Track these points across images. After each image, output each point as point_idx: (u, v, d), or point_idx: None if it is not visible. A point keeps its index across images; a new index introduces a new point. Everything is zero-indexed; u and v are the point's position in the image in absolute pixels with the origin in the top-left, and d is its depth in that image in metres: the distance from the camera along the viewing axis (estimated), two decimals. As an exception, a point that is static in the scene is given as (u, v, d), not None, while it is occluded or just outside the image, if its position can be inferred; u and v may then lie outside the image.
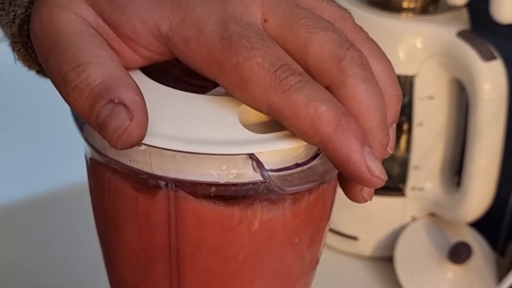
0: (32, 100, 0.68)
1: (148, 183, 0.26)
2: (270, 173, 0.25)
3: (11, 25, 0.28)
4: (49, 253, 0.59)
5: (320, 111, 0.24)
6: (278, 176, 0.25)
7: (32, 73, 0.30)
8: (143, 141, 0.24)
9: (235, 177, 0.25)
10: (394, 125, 0.28)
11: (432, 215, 0.60)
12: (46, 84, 0.28)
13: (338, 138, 0.24)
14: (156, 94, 0.26)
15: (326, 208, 0.29)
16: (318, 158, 0.26)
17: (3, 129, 0.70)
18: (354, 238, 0.61)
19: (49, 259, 0.59)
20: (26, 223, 0.62)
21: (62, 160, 0.64)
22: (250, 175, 0.25)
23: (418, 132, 0.58)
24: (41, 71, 0.30)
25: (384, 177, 0.24)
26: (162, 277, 0.28)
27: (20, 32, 0.28)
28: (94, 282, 0.49)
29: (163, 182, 0.26)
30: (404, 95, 0.53)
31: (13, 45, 0.29)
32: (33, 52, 0.28)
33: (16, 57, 0.29)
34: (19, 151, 0.68)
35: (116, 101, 0.24)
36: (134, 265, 0.29)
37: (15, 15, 0.27)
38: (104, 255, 0.31)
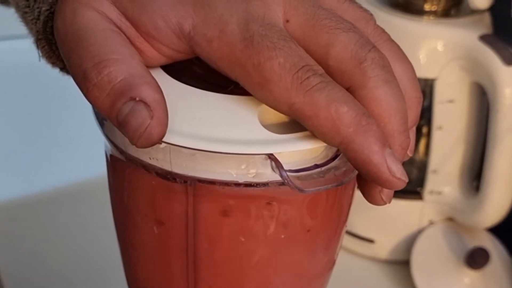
0: (53, 96, 0.68)
1: (167, 181, 0.26)
2: (289, 174, 0.25)
3: (35, 22, 0.28)
4: (67, 248, 0.60)
5: (341, 112, 0.24)
6: (297, 177, 0.25)
7: (55, 70, 0.30)
8: (163, 139, 0.25)
9: (253, 176, 0.25)
10: (414, 128, 0.28)
11: (450, 219, 0.60)
12: (68, 81, 0.28)
13: (359, 139, 0.24)
14: (176, 92, 0.26)
15: (343, 210, 0.29)
16: (337, 159, 0.26)
17: (24, 125, 0.70)
18: (370, 240, 0.61)
19: (67, 253, 0.59)
20: (45, 218, 0.63)
21: (82, 156, 0.64)
22: (268, 175, 0.25)
23: (437, 136, 0.57)
24: (65, 68, 0.30)
25: (405, 178, 0.24)
26: (179, 273, 0.28)
27: (45, 29, 0.28)
28: (111, 277, 0.49)
29: (182, 180, 0.26)
30: (424, 98, 0.52)
31: (38, 42, 0.29)
32: (57, 49, 0.28)
33: (40, 54, 0.29)
34: (39, 146, 0.69)
35: (137, 98, 0.24)
36: (151, 261, 0.29)
37: (39, 12, 0.28)
38: (122, 250, 0.31)
